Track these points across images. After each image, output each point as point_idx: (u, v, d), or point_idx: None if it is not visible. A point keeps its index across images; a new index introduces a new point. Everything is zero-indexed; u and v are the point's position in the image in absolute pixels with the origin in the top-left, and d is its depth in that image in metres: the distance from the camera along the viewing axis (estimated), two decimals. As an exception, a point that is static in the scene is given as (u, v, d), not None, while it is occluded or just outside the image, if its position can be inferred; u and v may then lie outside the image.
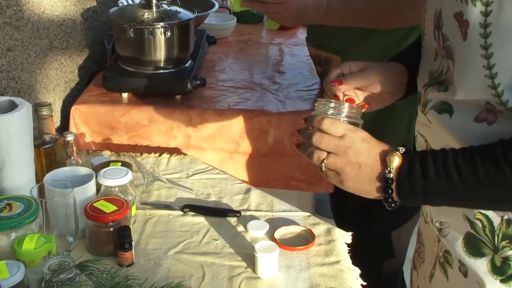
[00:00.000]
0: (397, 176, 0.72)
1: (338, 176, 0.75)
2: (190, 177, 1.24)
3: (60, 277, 0.78)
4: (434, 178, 0.69)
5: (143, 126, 1.46)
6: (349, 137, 0.74)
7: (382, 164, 0.73)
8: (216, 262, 0.97)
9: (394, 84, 0.85)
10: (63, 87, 1.55)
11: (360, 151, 0.73)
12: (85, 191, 1.00)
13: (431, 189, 0.70)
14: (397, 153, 0.72)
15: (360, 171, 0.73)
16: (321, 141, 0.74)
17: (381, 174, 0.72)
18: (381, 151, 0.73)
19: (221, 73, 1.71)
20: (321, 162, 0.75)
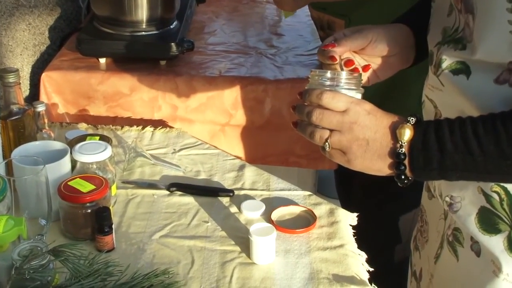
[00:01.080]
0: (409, 150, 0.71)
1: (345, 155, 0.74)
2: (177, 153, 1.24)
3: (32, 263, 0.78)
4: (452, 150, 0.68)
5: (123, 96, 1.45)
6: (353, 111, 0.73)
7: (392, 138, 0.72)
8: (207, 246, 0.97)
9: (397, 44, 0.84)
10: (31, 51, 1.53)
11: (366, 126, 0.72)
12: (59, 168, 0.99)
13: (449, 163, 0.69)
14: (408, 125, 0.71)
15: (369, 147, 0.72)
16: (322, 118, 0.73)
17: (392, 149, 0.72)
18: (390, 124, 0.73)
19: (211, 35, 1.70)
20: (325, 142, 0.74)
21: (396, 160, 0.72)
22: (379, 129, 0.72)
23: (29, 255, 0.79)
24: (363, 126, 0.72)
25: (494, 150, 0.67)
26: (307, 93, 0.76)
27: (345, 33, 0.83)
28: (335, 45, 0.80)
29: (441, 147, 0.69)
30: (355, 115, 0.73)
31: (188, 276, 0.90)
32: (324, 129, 0.74)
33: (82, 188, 0.95)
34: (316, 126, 0.74)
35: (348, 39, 0.81)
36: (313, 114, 0.74)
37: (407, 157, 0.71)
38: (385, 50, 0.83)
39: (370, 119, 0.73)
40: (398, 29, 0.85)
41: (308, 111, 0.74)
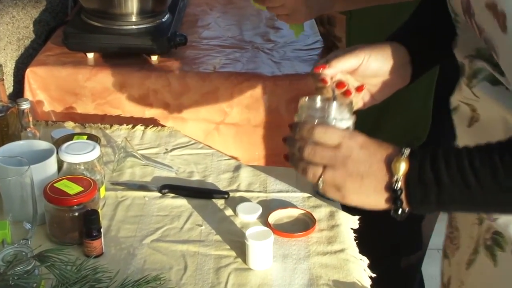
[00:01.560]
0: (406, 184, 0.72)
1: (339, 191, 0.75)
2: (169, 153, 1.24)
3: (16, 269, 0.78)
4: (449, 184, 0.70)
5: (112, 93, 1.45)
6: (346, 145, 0.74)
7: (387, 172, 0.73)
8: (201, 251, 0.97)
9: (391, 63, 0.85)
10: (15, 45, 1.52)
11: (360, 160, 0.74)
12: (44, 169, 0.99)
13: (446, 196, 0.70)
14: (403, 158, 0.72)
15: (363, 182, 0.74)
16: (315, 154, 0.74)
17: (388, 184, 0.73)
18: (384, 157, 0.74)
19: (205, 29, 1.70)
20: (318, 179, 0.75)
21: (392, 195, 0.73)
22: (373, 163, 0.74)
23: (14, 261, 0.79)
24: (357, 161, 0.74)
25: (491, 183, 0.68)
26: (297, 126, 0.77)
27: (337, 54, 0.85)
28: (325, 67, 0.82)
29: (437, 180, 0.70)
30: (348, 150, 0.74)
31: (181, 282, 0.91)
32: (317, 165, 0.75)
33: (69, 190, 0.95)
34: (308, 162, 0.76)
35: (340, 60, 0.83)
36: (305, 150, 0.75)
37: (403, 191, 0.73)
38: (378, 69, 0.84)
39: (364, 153, 0.74)
40: (391, 47, 0.86)
41: (300, 146, 0.76)
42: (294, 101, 1.46)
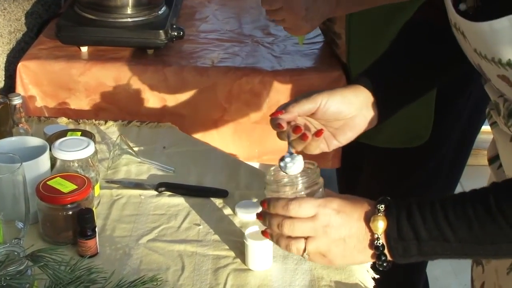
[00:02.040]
0: (386, 240, 0.77)
1: (325, 257, 0.80)
2: (166, 150, 1.24)
3: (9, 269, 0.78)
4: (427, 238, 0.75)
5: (107, 88, 1.46)
6: (323, 214, 0.79)
7: (368, 231, 0.78)
8: (198, 251, 0.98)
9: (352, 106, 0.87)
10: (7, 38, 1.52)
11: (339, 225, 0.79)
12: (37, 167, 0.99)
13: (427, 249, 0.75)
14: (380, 216, 0.77)
15: (346, 245, 0.79)
16: (294, 229, 0.79)
17: (370, 241, 0.78)
18: (361, 216, 0.79)
19: (202, 22, 1.70)
20: (303, 252, 0.80)
21: (376, 252, 0.78)
22: (353, 224, 0.79)
23: (5, 261, 0.79)
24: (336, 226, 0.78)
25: (467, 236, 0.73)
26: (271, 204, 0.81)
27: (297, 99, 0.88)
28: (282, 112, 0.85)
29: (416, 235, 0.75)
30: (326, 218, 0.78)
31: (178, 283, 0.91)
32: (298, 238, 0.80)
33: (62, 188, 0.95)
34: (289, 237, 0.80)
35: (296, 105, 0.86)
36: (284, 227, 0.80)
37: (385, 246, 0.78)
38: (338, 113, 0.87)
39: (341, 217, 0.79)
40: (353, 90, 0.89)
41: (278, 223, 0.80)
42: (294, 97, 1.46)
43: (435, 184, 1.39)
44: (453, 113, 1.32)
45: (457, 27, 0.77)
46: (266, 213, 0.82)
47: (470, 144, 1.40)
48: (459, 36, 0.79)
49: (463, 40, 0.77)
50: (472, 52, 0.76)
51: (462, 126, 1.34)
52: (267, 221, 0.82)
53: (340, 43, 1.42)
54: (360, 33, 1.33)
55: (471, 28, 0.72)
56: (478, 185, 1.05)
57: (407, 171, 1.37)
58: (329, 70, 1.47)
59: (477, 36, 0.72)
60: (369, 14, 1.25)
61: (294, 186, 0.83)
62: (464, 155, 1.40)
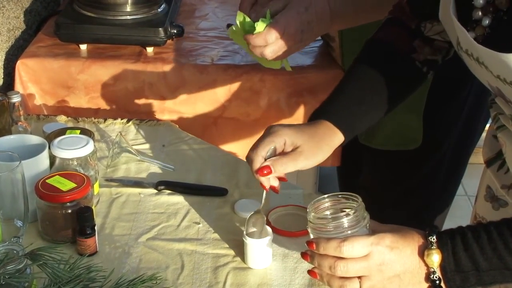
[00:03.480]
0: (442, 272, 0.76)
1: None
2: (165, 148, 1.24)
3: (7, 268, 0.78)
4: (487, 268, 0.75)
5: (106, 86, 1.45)
6: (377, 252, 0.77)
7: (422, 264, 0.77)
8: (198, 250, 0.98)
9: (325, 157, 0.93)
10: (5, 36, 1.52)
11: (394, 261, 0.77)
12: (36, 165, 0.99)
13: (487, 278, 0.75)
14: (434, 249, 0.76)
15: (402, 281, 0.78)
16: (348, 270, 0.78)
17: (426, 275, 0.77)
18: (414, 250, 0.78)
19: (202, 19, 1.70)
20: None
21: (432, 285, 0.77)
22: (406, 260, 0.78)
23: (4, 259, 0.79)
24: (390, 263, 0.77)
25: None
26: (321, 245, 0.80)
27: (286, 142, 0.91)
28: (271, 171, 0.89)
29: (475, 266, 0.75)
30: (380, 256, 0.77)
31: (177, 282, 0.91)
32: (352, 278, 0.78)
33: (61, 187, 0.95)
34: (343, 278, 0.79)
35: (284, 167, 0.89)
36: (337, 268, 0.78)
37: (442, 279, 0.77)
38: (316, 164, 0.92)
39: (395, 254, 0.78)
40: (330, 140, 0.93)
41: (330, 265, 0.78)
42: (294, 95, 1.47)
43: (435, 184, 1.39)
44: (450, 115, 1.32)
45: (469, 53, 0.78)
46: (315, 254, 0.81)
47: (471, 145, 1.40)
48: (471, 61, 0.79)
49: (477, 65, 0.78)
50: (491, 77, 0.77)
51: (461, 127, 1.34)
52: (315, 261, 0.81)
53: (334, 46, 1.43)
54: (353, 37, 1.33)
55: (495, 57, 0.72)
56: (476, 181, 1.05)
57: (406, 172, 1.37)
58: (328, 68, 1.47)
59: (501, 64, 0.72)
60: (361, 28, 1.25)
61: (340, 226, 0.81)
62: (464, 155, 1.40)
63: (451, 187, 1.42)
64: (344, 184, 1.65)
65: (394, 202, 1.39)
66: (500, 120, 0.87)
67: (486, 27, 0.75)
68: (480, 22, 0.75)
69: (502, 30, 0.73)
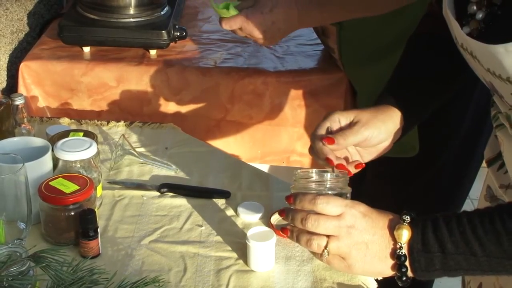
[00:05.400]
0: (409, 251, 0.77)
1: (344, 260, 0.80)
2: (168, 151, 1.24)
3: (10, 270, 0.78)
4: (453, 251, 0.74)
5: (109, 88, 1.46)
6: (349, 214, 0.78)
7: (390, 239, 0.78)
8: (201, 252, 0.98)
9: (390, 132, 0.90)
10: (9, 38, 1.53)
11: (364, 229, 0.78)
12: (39, 167, 0.99)
13: (452, 263, 0.75)
14: (405, 225, 0.77)
15: (368, 251, 0.78)
16: (318, 225, 0.78)
17: (392, 251, 0.78)
18: (386, 224, 0.79)
19: (205, 22, 1.70)
20: (323, 250, 0.79)
21: (397, 261, 0.77)
22: (377, 231, 0.78)
23: (7, 261, 0.79)
24: (361, 229, 0.78)
25: (496, 250, 0.73)
26: (298, 198, 0.80)
27: (341, 121, 0.88)
28: (333, 141, 0.85)
29: (442, 248, 0.75)
30: (352, 219, 0.78)
31: (180, 284, 0.91)
32: (321, 235, 0.79)
33: (64, 189, 0.95)
34: (312, 233, 0.79)
35: (346, 137, 0.86)
36: (308, 221, 0.79)
37: (408, 258, 0.77)
38: (377, 143, 0.89)
39: (367, 221, 0.78)
40: (390, 116, 0.90)
41: (302, 217, 0.79)
42: (297, 98, 1.47)
43: (438, 190, 1.39)
44: (451, 121, 1.32)
45: (464, 47, 0.78)
46: (290, 209, 0.81)
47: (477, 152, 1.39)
48: (467, 56, 0.80)
49: (472, 59, 0.78)
50: (483, 71, 0.77)
51: (463, 133, 1.34)
52: (290, 216, 0.81)
53: (335, 57, 1.43)
54: (351, 48, 1.34)
55: (484, 49, 0.73)
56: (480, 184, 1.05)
57: (408, 178, 1.37)
58: (332, 71, 1.47)
59: (490, 57, 0.73)
60: (360, 28, 1.26)
61: (322, 185, 0.82)
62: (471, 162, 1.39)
63: (458, 195, 1.42)
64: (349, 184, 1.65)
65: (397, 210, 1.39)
66: (499, 119, 0.87)
67: (480, 21, 0.75)
68: (475, 16, 0.75)
69: (496, 24, 0.73)
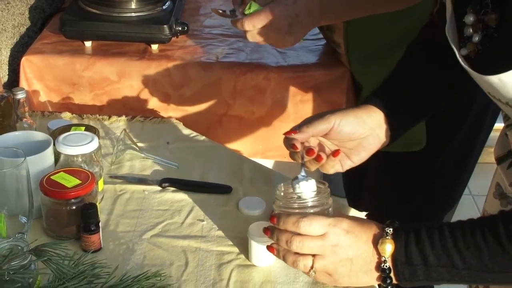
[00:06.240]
0: (393, 263, 0.79)
1: (331, 276, 0.82)
2: (170, 145, 1.24)
3: (12, 264, 0.78)
4: (436, 263, 0.76)
5: (111, 83, 1.46)
6: (332, 233, 0.80)
7: (375, 253, 0.80)
8: (202, 247, 0.98)
9: (366, 127, 0.88)
10: (10, 32, 1.52)
11: (348, 245, 0.80)
12: (41, 161, 0.99)
13: (434, 274, 0.77)
14: (388, 239, 0.79)
15: (353, 266, 0.80)
16: (303, 246, 0.80)
17: (377, 264, 0.80)
18: (370, 238, 0.80)
19: (207, 17, 1.69)
20: (310, 270, 0.81)
21: (382, 274, 0.79)
22: (360, 245, 0.80)
23: (9, 255, 0.79)
24: (345, 246, 0.80)
25: (476, 264, 0.74)
26: (281, 220, 0.82)
27: (309, 119, 0.89)
28: (296, 132, 0.87)
29: (424, 260, 0.77)
30: (335, 237, 0.80)
31: (181, 279, 0.91)
32: (306, 255, 0.81)
33: (66, 183, 0.95)
34: (297, 254, 0.81)
35: (310, 125, 0.87)
36: (293, 243, 0.81)
37: (392, 270, 0.79)
38: (352, 133, 0.88)
39: (350, 238, 0.80)
40: (366, 110, 0.90)
41: (287, 239, 0.81)
42: (299, 93, 1.46)
43: (440, 184, 1.39)
44: (455, 116, 1.32)
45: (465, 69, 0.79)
46: (275, 228, 0.83)
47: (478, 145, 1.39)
48: None
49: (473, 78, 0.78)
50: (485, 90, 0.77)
51: (467, 128, 1.33)
52: (275, 236, 0.83)
53: (340, 52, 1.42)
54: (358, 42, 1.33)
55: (480, 78, 0.73)
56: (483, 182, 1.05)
57: (410, 173, 1.37)
58: (334, 66, 1.47)
59: (488, 84, 0.73)
60: (367, 23, 1.25)
61: (303, 204, 0.84)
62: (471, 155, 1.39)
63: (457, 187, 1.42)
64: (348, 185, 1.65)
65: (399, 202, 1.39)
66: (511, 119, 0.87)
67: (477, 44, 0.75)
68: (471, 38, 0.76)
69: (492, 47, 0.74)
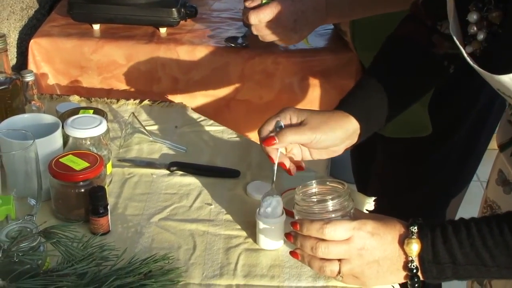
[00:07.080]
0: (420, 262, 0.78)
1: (358, 279, 0.81)
2: (178, 129, 1.24)
3: (21, 245, 0.79)
4: (464, 262, 0.76)
5: (119, 66, 1.45)
6: (357, 237, 0.79)
7: (401, 253, 0.79)
8: (210, 230, 0.98)
9: (341, 139, 0.92)
10: (19, 15, 1.52)
11: (374, 247, 0.79)
12: (50, 144, 1.00)
13: (463, 272, 0.77)
14: (414, 238, 0.78)
15: (380, 267, 0.80)
16: (329, 252, 0.80)
17: (404, 263, 0.79)
18: (395, 238, 0.80)
19: (216, 0, 1.69)
20: (337, 274, 0.81)
21: (409, 274, 0.79)
22: (386, 247, 0.79)
23: (18, 237, 0.79)
24: (371, 249, 0.79)
25: (506, 261, 0.74)
26: (304, 226, 0.82)
27: (292, 119, 0.91)
28: (274, 139, 0.89)
29: (452, 259, 0.76)
30: (361, 241, 0.79)
31: (189, 262, 0.91)
32: (332, 260, 0.80)
33: (75, 166, 0.95)
34: (324, 259, 0.81)
35: (289, 135, 0.89)
36: (318, 250, 0.80)
37: (419, 269, 0.78)
38: (325, 146, 0.92)
39: (376, 240, 0.79)
40: (342, 124, 0.92)
41: (312, 246, 0.81)
42: (307, 78, 1.46)
43: (447, 170, 1.38)
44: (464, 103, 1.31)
45: None
46: (298, 235, 0.83)
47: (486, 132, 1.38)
48: None
49: None
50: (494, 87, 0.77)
51: (475, 115, 1.32)
52: (298, 242, 0.83)
53: (347, 40, 1.41)
54: (364, 32, 1.32)
55: (490, 77, 0.72)
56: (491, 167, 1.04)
57: (418, 159, 1.36)
58: (342, 51, 1.46)
59: (498, 83, 0.72)
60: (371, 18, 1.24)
61: (324, 209, 0.83)
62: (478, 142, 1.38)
63: (466, 173, 1.41)
64: (357, 170, 1.64)
65: (407, 188, 1.38)
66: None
67: (482, 41, 0.75)
68: (476, 36, 0.76)
69: (498, 44, 0.73)
